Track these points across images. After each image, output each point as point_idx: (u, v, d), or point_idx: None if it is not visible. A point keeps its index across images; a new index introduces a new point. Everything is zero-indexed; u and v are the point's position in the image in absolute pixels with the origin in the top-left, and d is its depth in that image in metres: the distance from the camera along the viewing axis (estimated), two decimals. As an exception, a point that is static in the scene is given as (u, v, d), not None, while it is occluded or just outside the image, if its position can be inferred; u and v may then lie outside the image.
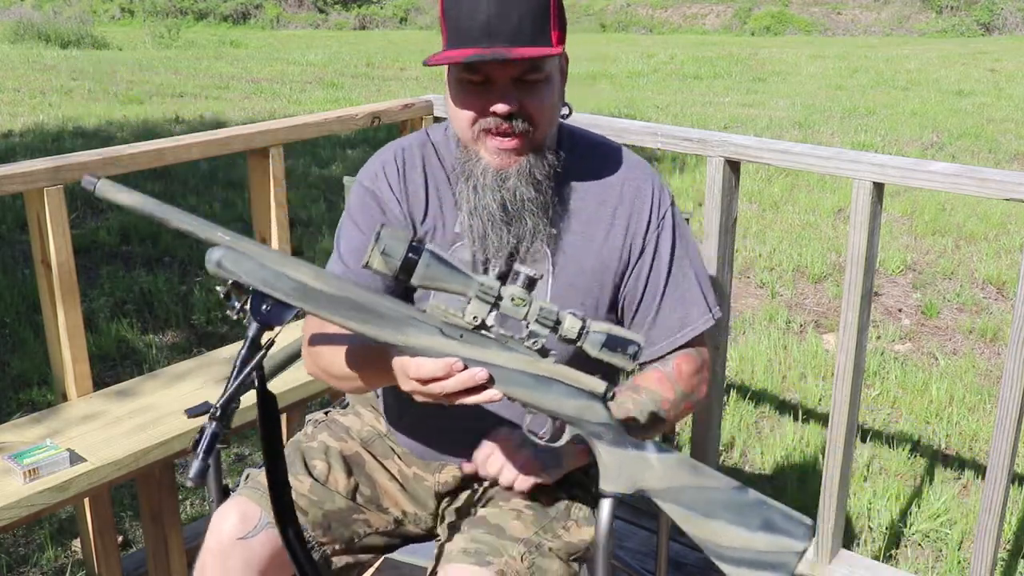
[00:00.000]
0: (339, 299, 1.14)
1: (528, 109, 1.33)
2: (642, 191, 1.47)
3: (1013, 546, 2.50)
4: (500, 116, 1.32)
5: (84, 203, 5.40)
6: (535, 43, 1.29)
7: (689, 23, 21.29)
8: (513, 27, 1.27)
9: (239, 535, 1.37)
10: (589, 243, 1.45)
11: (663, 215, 1.48)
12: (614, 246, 1.45)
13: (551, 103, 1.37)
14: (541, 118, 1.35)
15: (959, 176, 1.87)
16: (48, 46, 14.87)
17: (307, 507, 1.44)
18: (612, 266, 1.46)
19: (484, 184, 1.37)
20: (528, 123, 1.34)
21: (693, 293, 1.48)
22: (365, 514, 1.50)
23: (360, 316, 1.15)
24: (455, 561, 1.29)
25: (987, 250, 4.97)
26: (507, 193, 1.36)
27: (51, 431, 1.84)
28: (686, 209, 3.81)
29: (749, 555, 1.21)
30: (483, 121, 1.34)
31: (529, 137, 1.36)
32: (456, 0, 1.30)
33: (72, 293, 1.96)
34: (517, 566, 1.30)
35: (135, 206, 1.20)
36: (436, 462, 1.54)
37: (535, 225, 1.39)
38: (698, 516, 1.23)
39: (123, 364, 3.57)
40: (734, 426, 3.12)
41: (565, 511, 1.42)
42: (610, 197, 1.46)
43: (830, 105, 9.63)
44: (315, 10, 22.46)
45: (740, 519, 1.22)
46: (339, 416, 1.63)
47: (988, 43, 16.97)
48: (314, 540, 1.43)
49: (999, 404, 1.88)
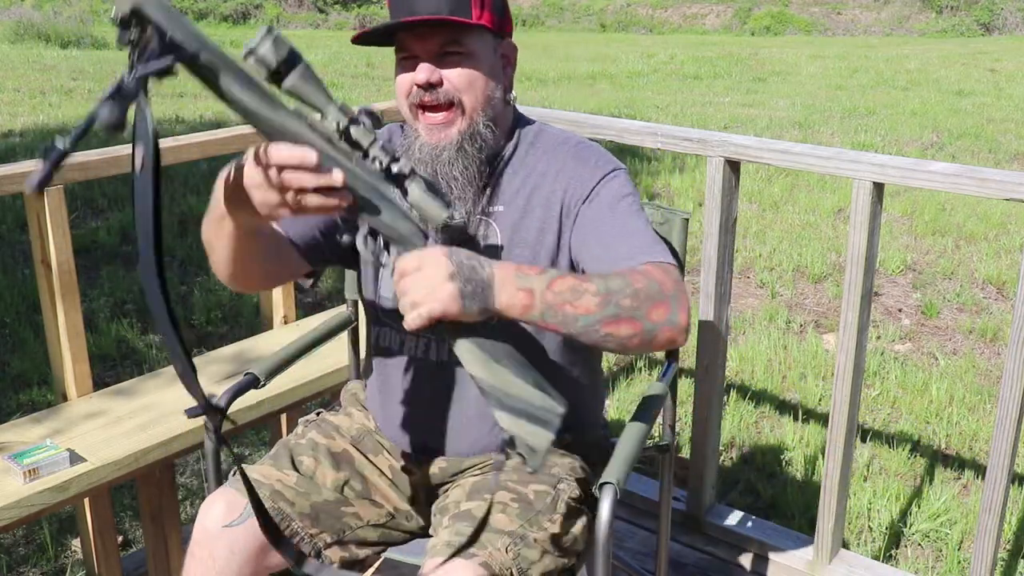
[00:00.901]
0: (229, 63, 1.09)
1: (451, 80, 1.38)
2: (584, 158, 1.48)
3: (1013, 546, 2.50)
4: (421, 87, 1.38)
5: (84, 203, 5.40)
6: (453, 14, 1.36)
7: (689, 23, 21.29)
8: (434, 3, 1.34)
9: (223, 523, 1.40)
10: (525, 217, 1.46)
11: (600, 178, 1.45)
12: (551, 215, 1.46)
13: (476, 78, 1.41)
14: (464, 89, 1.40)
15: (959, 176, 1.87)
16: (48, 46, 14.87)
17: (293, 498, 1.46)
18: (552, 230, 1.46)
19: (419, 159, 1.41)
20: (451, 95, 1.39)
21: (646, 235, 1.41)
22: (355, 507, 1.52)
23: (244, 83, 1.09)
24: (439, 554, 1.30)
25: (987, 250, 4.97)
26: (440, 167, 1.41)
27: (51, 431, 1.84)
28: (686, 209, 3.80)
29: (527, 408, 1.18)
30: (412, 96, 1.40)
31: (457, 109, 1.40)
32: None
33: (72, 293, 1.96)
34: (501, 558, 1.30)
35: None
36: (422, 455, 1.56)
37: (463, 198, 1.43)
38: (490, 360, 1.20)
39: (123, 364, 3.57)
40: (734, 426, 3.12)
41: (551, 504, 1.43)
42: (559, 182, 1.47)
43: (830, 105, 9.63)
44: (315, 10, 22.47)
45: (522, 372, 1.20)
46: (330, 416, 1.66)
47: (988, 43, 16.97)
48: (303, 531, 1.44)
49: (999, 404, 1.88)
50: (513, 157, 1.50)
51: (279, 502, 1.44)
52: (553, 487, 1.46)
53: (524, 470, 1.48)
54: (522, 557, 1.33)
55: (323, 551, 1.46)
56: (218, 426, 1.42)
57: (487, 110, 1.43)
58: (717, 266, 2.20)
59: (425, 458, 1.56)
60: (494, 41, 1.44)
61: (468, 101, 1.41)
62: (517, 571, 1.31)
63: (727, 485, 2.79)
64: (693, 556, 2.35)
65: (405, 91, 1.41)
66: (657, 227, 1.82)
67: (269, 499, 1.43)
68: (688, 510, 2.43)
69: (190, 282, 4.39)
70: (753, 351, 3.73)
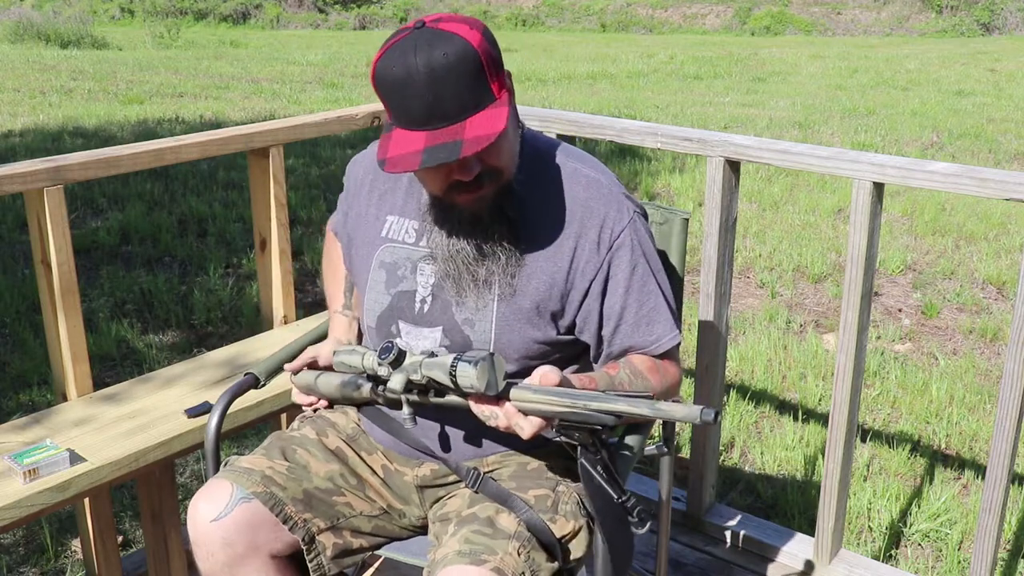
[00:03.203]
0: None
1: (489, 164, 1.37)
2: (593, 212, 1.47)
3: (1013, 546, 2.50)
4: (465, 183, 1.36)
5: (84, 203, 5.41)
6: (480, 107, 1.30)
7: (689, 23, 21.29)
8: (455, 103, 1.28)
9: (211, 518, 1.42)
10: (536, 262, 1.46)
11: (617, 236, 1.47)
12: (560, 267, 1.46)
13: (509, 146, 1.41)
14: (503, 164, 1.40)
15: (959, 176, 1.87)
16: (48, 46, 14.88)
17: (285, 483, 1.47)
18: (558, 286, 1.46)
19: (459, 231, 1.41)
20: (492, 175, 1.38)
21: (660, 311, 1.50)
22: (347, 497, 1.53)
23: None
24: (451, 564, 1.30)
25: (987, 250, 4.97)
26: (481, 234, 1.41)
27: (51, 431, 1.84)
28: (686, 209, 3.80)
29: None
30: (449, 187, 1.38)
31: (497, 182, 1.40)
32: (391, 87, 1.30)
33: (72, 293, 1.96)
34: (514, 562, 1.30)
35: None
36: (414, 459, 1.57)
37: (507, 258, 1.43)
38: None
39: (123, 364, 3.57)
40: (734, 426, 3.12)
41: (552, 506, 1.43)
42: (560, 216, 1.48)
43: (830, 105, 9.63)
44: (315, 10, 22.47)
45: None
46: (327, 412, 1.67)
47: (988, 43, 16.98)
48: (296, 516, 1.45)
49: (999, 404, 1.88)
50: (527, 195, 1.48)
51: (271, 487, 1.45)
52: (552, 489, 1.46)
53: (522, 475, 1.49)
54: (532, 560, 1.33)
55: (316, 536, 1.47)
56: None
57: (515, 162, 1.44)
58: (717, 266, 2.20)
59: (416, 462, 1.57)
60: (510, 100, 1.39)
61: (507, 172, 1.41)
62: (530, 574, 1.31)
63: (727, 485, 2.79)
64: (693, 556, 2.35)
65: (441, 185, 1.38)
66: (657, 227, 1.82)
67: (260, 484, 1.44)
68: (688, 510, 2.43)
69: (190, 282, 4.39)
70: (753, 351, 3.73)
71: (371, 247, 1.55)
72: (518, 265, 1.45)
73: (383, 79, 1.30)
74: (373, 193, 1.59)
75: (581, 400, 1.24)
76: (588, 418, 1.25)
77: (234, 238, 4.99)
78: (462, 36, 1.28)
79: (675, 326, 1.51)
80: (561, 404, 1.25)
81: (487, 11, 22.08)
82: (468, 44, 1.28)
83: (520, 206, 1.45)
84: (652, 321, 1.49)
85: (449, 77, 1.26)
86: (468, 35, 1.29)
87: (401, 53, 1.28)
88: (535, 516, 1.39)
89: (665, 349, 1.50)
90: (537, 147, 1.52)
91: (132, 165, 2.05)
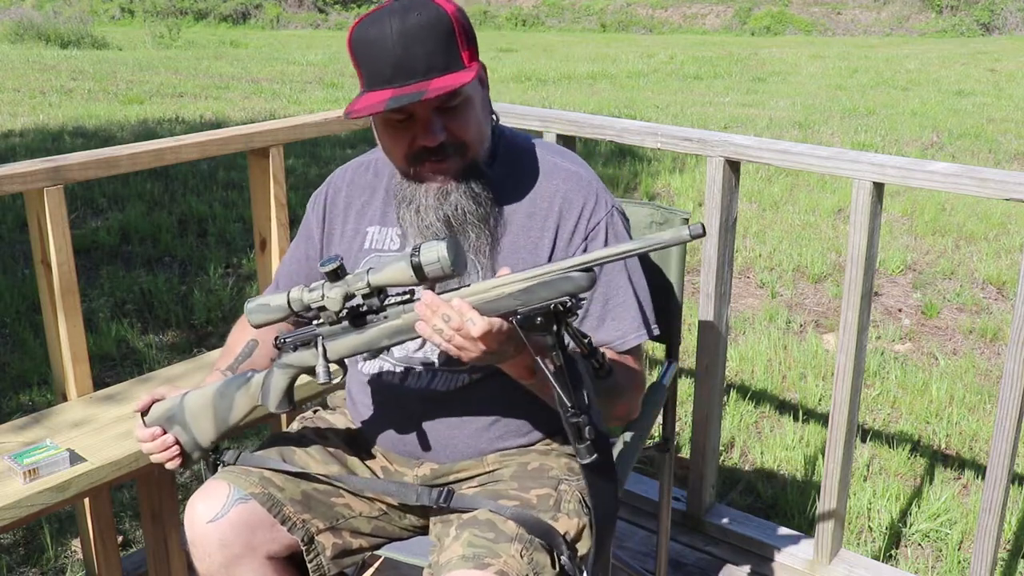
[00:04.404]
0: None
1: (455, 134, 1.39)
2: (571, 203, 1.48)
3: (1013, 546, 2.50)
4: (429, 148, 1.38)
5: (84, 203, 5.41)
6: (448, 70, 1.34)
7: (689, 23, 21.29)
8: (423, 62, 1.32)
9: (208, 518, 1.42)
10: (516, 253, 1.47)
11: (593, 227, 1.48)
12: (540, 258, 1.47)
13: (476, 121, 1.42)
14: (469, 138, 1.41)
15: (959, 176, 1.87)
16: (48, 46, 14.88)
17: (283, 484, 1.47)
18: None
19: (427, 205, 1.42)
20: (458, 146, 1.40)
21: (627, 307, 1.49)
22: (346, 498, 1.52)
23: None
24: (455, 568, 1.30)
25: (987, 250, 4.97)
26: (449, 208, 1.42)
27: (51, 431, 1.84)
28: (686, 209, 3.80)
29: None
30: (414, 155, 1.40)
31: (463, 156, 1.41)
32: (364, 47, 1.35)
33: (72, 293, 1.96)
34: (517, 564, 1.30)
35: None
36: (413, 459, 1.57)
37: (478, 237, 1.44)
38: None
39: (123, 364, 3.57)
40: (734, 426, 3.12)
41: (554, 505, 1.43)
42: (539, 209, 1.49)
43: (830, 105, 9.64)
44: (315, 10, 22.47)
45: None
46: (326, 414, 1.68)
47: (988, 43, 16.98)
48: (295, 516, 1.45)
49: (999, 404, 1.88)
50: (501, 183, 1.49)
51: (269, 488, 1.44)
52: (554, 488, 1.46)
53: (523, 475, 1.48)
54: (535, 561, 1.33)
55: (315, 537, 1.46)
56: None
57: (483, 144, 1.45)
58: (717, 266, 2.20)
59: (416, 462, 1.57)
60: (479, 74, 1.43)
61: (473, 146, 1.42)
62: (533, 575, 1.31)
63: (727, 485, 2.79)
64: (693, 556, 2.35)
65: (404, 152, 1.40)
66: (657, 227, 1.82)
67: (258, 485, 1.44)
68: (688, 510, 2.43)
69: (190, 282, 4.39)
70: (753, 351, 3.73)
71: (354, 263, 1.56)
72: (494, 256, 1.46)
73: (357, 41, 1.36)
74: (350, 209, 1.60)
75: (538, 272, 1.17)
76: (551, 292, 1.15)
77: (234, 238, 4.99)
78: (437, 3, 1.34)
79: (643, 325, 1.50)
80: (522, 281, 1.17)
81: (487, 11, 22.09)
82: (442, 9, 1.34)
83: (499, 198, 1.47)
84: (618, 317, 1.49)
85: (419, 34, 1.31)
86: (443, 4, 1.35)
87: (377, 18, 1.34)
88: (523, 512, 1.38)
89: (629, 346, 1.50)
90: (516, 143, 1.55)
91: (132, 165, 2.05)
